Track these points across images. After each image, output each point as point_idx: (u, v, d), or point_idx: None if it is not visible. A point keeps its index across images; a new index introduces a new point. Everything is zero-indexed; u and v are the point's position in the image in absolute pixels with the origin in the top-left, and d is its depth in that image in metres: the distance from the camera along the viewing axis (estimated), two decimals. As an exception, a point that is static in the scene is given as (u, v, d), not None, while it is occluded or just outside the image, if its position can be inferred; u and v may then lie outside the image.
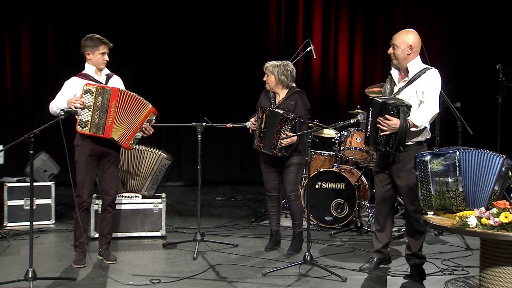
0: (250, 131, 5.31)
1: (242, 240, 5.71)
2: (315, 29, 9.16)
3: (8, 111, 8.18)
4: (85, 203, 4.77)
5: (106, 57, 4.83)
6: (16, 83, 8.47)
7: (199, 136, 5.32)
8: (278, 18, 9.21)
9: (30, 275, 4.13)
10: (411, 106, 4.27)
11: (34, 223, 4.44)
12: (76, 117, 4.60)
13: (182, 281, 4.47)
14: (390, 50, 4.50)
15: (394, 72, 4.56)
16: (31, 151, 4.24)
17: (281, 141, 5.05)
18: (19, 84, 8.45)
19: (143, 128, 4.83)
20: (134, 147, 4.98)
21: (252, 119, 5.31)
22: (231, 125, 5.42)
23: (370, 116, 4.37)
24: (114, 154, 4.89)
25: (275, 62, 5.32)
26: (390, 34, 4.71)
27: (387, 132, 4.23)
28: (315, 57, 6.54)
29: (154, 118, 4.86)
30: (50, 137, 7.62)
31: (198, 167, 5.36)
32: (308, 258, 4.68)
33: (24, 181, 6.28)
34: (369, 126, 4.38)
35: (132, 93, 4.74)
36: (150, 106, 4.79)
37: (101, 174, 4.94)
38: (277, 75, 5.23)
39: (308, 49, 6.35)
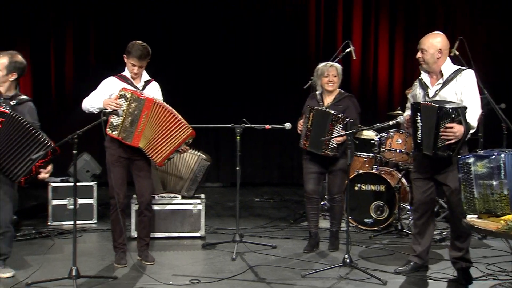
0: (299, 131, 5.30)
1: (280, 242, 5.70)
2: (355, 30, 9.08)
3: (52, 113, 8.35)
4: (120, 205, 4.79)
5: (135, 70, 4.77)
6: (60, 87, 8.70)
7: (238, 137, 5.34)
8: (317, 19, 9.16)
9: (73, 274, 4.22)
10: (466, 108, 4.19)
11: (77, 222, 4.53)
12: (101, 119, 4.62)
13: (221, 281, 4.49)
14: (419, 55, 4.44)
15: (425, 76, 4.50)
16: (75, 152, 4.34)
17: (334, 139, 5.03)
18: (62, 88, 8.70)
19: (180, 149, 4.87)
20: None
21: (301, 121, 5.30)
22: (269, 127, 5.42)
23: (419, 120, 4.29)
24: (143, 156, 4.88)
25: (335, 64, 5.28)
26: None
27: (453, 141, 4.15)
28: (354, 58, 6.48)
29: (191, 139, 4.86)
30: (92, 138, 7.76)
31: (237, 168, 5.38)
32: (348, 260, 4.64)
33: (68, 181, 6.41)
34: (419, 131, 4.30)
35: (167, 107, 4.72)
36: (191, 130, 4.77)
37: (134, 178, 4.92)
38: (340, 78, 5.23)
39: (348, 50, 6.30)
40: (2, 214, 4.44)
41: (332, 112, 5.10)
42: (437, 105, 4.20)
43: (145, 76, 4.93)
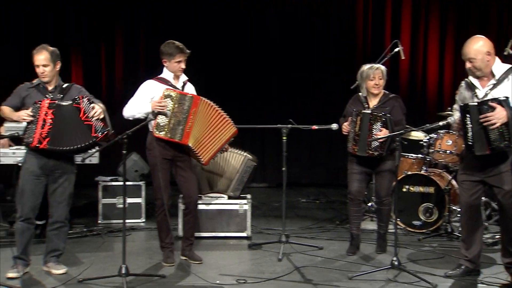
0: (344, 133, 5.25)
1: (327, 243, 5.66)
2: (404, 29, 8.93)
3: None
4: (165, 206, 4.83)
5: (183, 65, 4.84)
6: (110, 89, 8.95)
7: (284, 137, 5.33)
8: (365, 19, 9.07)
9: (123, 271, 4.30)
10: (507, 97, 4.08)
11: (126, 221, 4.61)
12: (153, 120, 4.69)
13: (268, 282, 4.49)
14: (468, 65, 4.31)
15: (474, 79, 4.37)
16: (124, 152, 4.41)
17: (375, 136, 4.96)
18: (112, 90, 8.95)
19: (224, 148, 4.91)
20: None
21: (346, 123, 5.25)
22: (316, 127, 5.40)
23: (469, 122, 4.18)
24: (186, 157, 4.92)
25: (381, 66, 5.21)
26: (483, 35, 4.48)
27: (497, 124, 4.02)
28: (403, 57, 6.38)
29: (233, 138, 4.93)
30: (140, 138, 7.91)
31: (283, 168, 5.38)
32: (396, 263, 4.56)
33: (117, 180, 6.54)
34: (469, 133, 4.19)
35: (213, 105, 4.80)
36: (235, 128, 4.85)
37: (179, 179, 4.94)
38: (385, 79, 5.16)
39: (396, 50, 6.20)
40: (60, 208, 4.59)
41: (369, 112, 5.03)
42: (477, 100, 4.15)
43: (183, 76, 4.98)
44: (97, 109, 4.45)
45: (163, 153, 4.78)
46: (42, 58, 4.49)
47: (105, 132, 4.43)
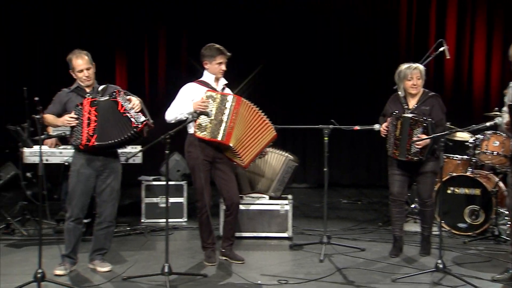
0: (383, 135, 5.19)
1: (369, 244, 5.60)
2: (449, 28, 8.74)
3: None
4: (206, 207, 4.85)
5: (223, 67, 4.89)
6: (153, 90, 9.05)
7: (326, 138, 5.30)
8: (409, 17, 8.93)
9: (166, 270, 4.35)
10: None
11: (168, 220, 4.66)
12: (193, 122, 4.73)
13: (309, 283, 4.48)
14: None
15: None
16: (167, 152, 4.47)
17: (414, 144, 4.88)
18: (155, 90, 9.05)
19: (263, 152, 4.92)
20: None
21: (384, 124, 5.18)
22: (358, 128, 5.35)
23: None
24: (226, 159, 4.93)
25: (419, 65, 5.12)
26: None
27: None
28: (448, 57, 6.25)
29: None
30: (182, 138, 8.01)
31: (325, 169, 5.35)
32: (441, 266, 4.47)
33: (159, 180, 6.63)
34: None
35: (254, 107, 4.82)
36: (275, 132, 4.87)
37: (218, 181, 4.95)
38: (424, 79, 5.08)
39: (441, 49, 6.08)
40: (108, 208, 4.69)
41: (410, 116, 4.94)
42: None
43: (223, 80, 5.01)
44: (134, 101, 4.51)
45: (204, 154, 4.81)
46: (84, 62, 4.60)
47: (144, 122, 4.48)
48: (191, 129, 4.85)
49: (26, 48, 8.73)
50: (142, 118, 4.47)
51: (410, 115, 4.97)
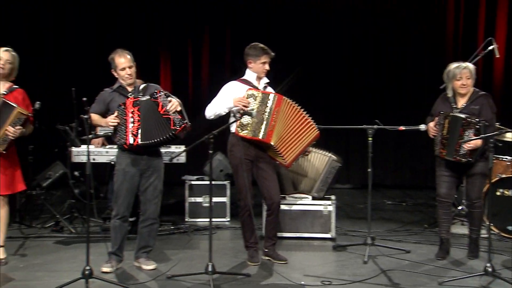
0: (431, 136, 5.09)
1: (414, 246, 5.51)
2: (499, 26, 8.51)
3: (188, 114, 8.75)
4: (248, 206, 4.86)
5: (267, 66, 4.91)
6: (197, 89, 9.14)
7: (370, 138, 5.24)
8: (456, 16, 8.75)
9: (209, 269, 4.37)
10: None
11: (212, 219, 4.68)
12: (236, 119, 4.73)
13: (353, 284, 4.43)
14: None
15: None
16: (211, 151, 4.49)
17: (464, 145, 4.76)
18: (198, 89, 9.13)
19: (306, 151, 4.90)
20: None
21: (432, 124, 5.07)
22: (403, 128, 5.26)
23: None
24: (268, 158, 4.94)
25: (469, 65, 5.00)
26: None
27: None
28: (498, 56, 6.08)
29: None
30: (225, 138, 8.06)
31: (369, 170, 5.28)
32: (490, 269, 4.35)
33: (203, 180, 6.68)
34: None
35: (296, 105, 4.81)
36: (317, 131, 4.85)
37: (260, 181, 4.96)
38: (474, 78, 4.96)
39: (490, 48, 5.92)
40: (152, 206, 4.75)
41: (463, 116, 4.82)
42: None
43: (265, 79, 5.02)
44: (174, 102, 4.56)
45: (246, 153, 4.82)
46: (126, 60, 4.69)
47: (182, 125, 4.52)
48: (233, 128, 4.87)
49: (74, 50, 8.93)
50: (181, 120, 4.52)
51: (462, 116, 4.84)
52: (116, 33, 8.89)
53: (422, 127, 5.14)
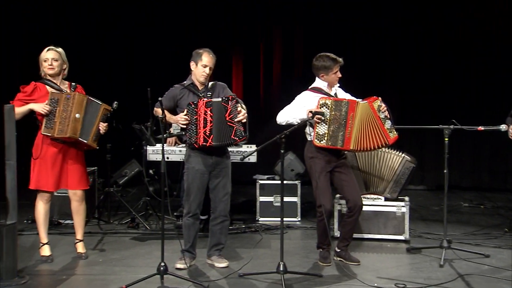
0: (510, 136, 4.87)
1: (494, 251, 5.29)
2: None
3: (260, 115, 8.83)
4: (328, 212, 4.82)
5: (339, 74, 4.88)
6: (267, 89, 9.19)
7: (446, 139, 5.08)
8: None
9: (281, 268, 4.38)
10: None
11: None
12: (311, 131, 4.74)
13: (429, 288, 4.32)
14: None
15: None
16: (282, 151, 4.49)
17: None
18: (269, 89, 9.18)
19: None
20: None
21: None
22: (482, 128, 5.06)
23: None
24: (345, 161, 4.95)
25: None
26: None
27: None
28: None
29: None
30: (296, 138, 8.05)
31: (445, 171, 5.12)
32: None
33: (274, 179, 6.69)
34: None
35: (371, 105, 4.73)
36: (396, 134, 4.77)
37: (339, 184, 4.93)
38: None
39: None
40: (222, 203, 4.82)
41: None
42: None
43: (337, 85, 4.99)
44: (243, 113, 4.61)
45: (327, 161, 4.83)
46: (212, 61, 4.78)
47: (242, 138, 4.60)
48: (310, 137, 4.86)
49: (147, 51, 9.18)
50: (242, 133, 4.58)
51: None
52: (190, 32, 9.06)
53: (503, 127, 4.95)
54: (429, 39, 8.75)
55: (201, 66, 4.76)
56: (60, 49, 4.97)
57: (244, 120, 4.62)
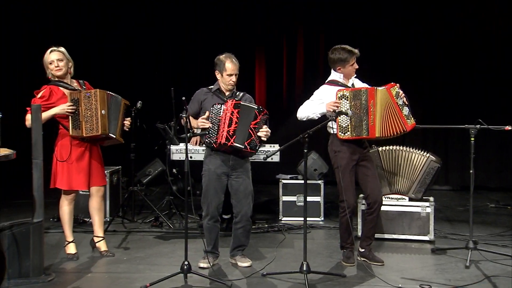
0: None
1: (521, 252, 5.21)
2: None
3: (283, 114, 8.82)
4: (351, 208, 4.81)
5: (356, 66, 4.85)
6: (291, 89, 9.18)
7: (472, 138, 5.02)
8: None
9: (304, 268, 4.37)
10: None
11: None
12: (334, 123, 4.70)
13: (454, 289, 4.27)
14: None
15: None
16: (305, 150, 4.48)
17: None
18: (293, 89, 9.17)
19: None
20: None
21: None
22: (510, 128, 4.98)
23: None
24: (369, 156, 4.92)
25: None
26: None
27: None
28: None
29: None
30: (319, 138, 8.02)
31: (471, 171, 5.06)
32: None
33: (297, 179, 6.67)
34: None
35: (389, 91, 4.71)
36: (412, 123, 4.73)
37: (362, 179, 4.90)
38: None
39: None
40: (244, 207, 4.81)
41: None
42: None
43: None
44: (267, 131, 4.64)
45: (351, 156, 4.80)
46: (236, 68, 4.79)
47: (252, 150, 4.63)
48: (333, 130, 4.83)
49: (172, 52, 9.23)
50: (255, 146, 4.62)
51: None
52: (213, 34, 9.08)
53: (530, 127, 4.85)
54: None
55: (227, 76, 4.79)
56: (62, 48, 4.97)
57: (264, 138, 4.65)
